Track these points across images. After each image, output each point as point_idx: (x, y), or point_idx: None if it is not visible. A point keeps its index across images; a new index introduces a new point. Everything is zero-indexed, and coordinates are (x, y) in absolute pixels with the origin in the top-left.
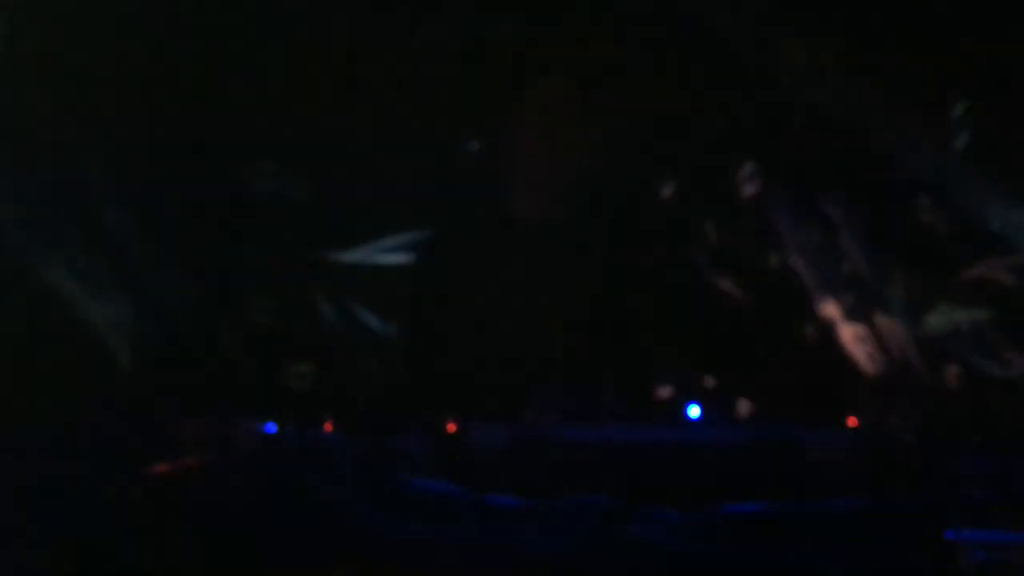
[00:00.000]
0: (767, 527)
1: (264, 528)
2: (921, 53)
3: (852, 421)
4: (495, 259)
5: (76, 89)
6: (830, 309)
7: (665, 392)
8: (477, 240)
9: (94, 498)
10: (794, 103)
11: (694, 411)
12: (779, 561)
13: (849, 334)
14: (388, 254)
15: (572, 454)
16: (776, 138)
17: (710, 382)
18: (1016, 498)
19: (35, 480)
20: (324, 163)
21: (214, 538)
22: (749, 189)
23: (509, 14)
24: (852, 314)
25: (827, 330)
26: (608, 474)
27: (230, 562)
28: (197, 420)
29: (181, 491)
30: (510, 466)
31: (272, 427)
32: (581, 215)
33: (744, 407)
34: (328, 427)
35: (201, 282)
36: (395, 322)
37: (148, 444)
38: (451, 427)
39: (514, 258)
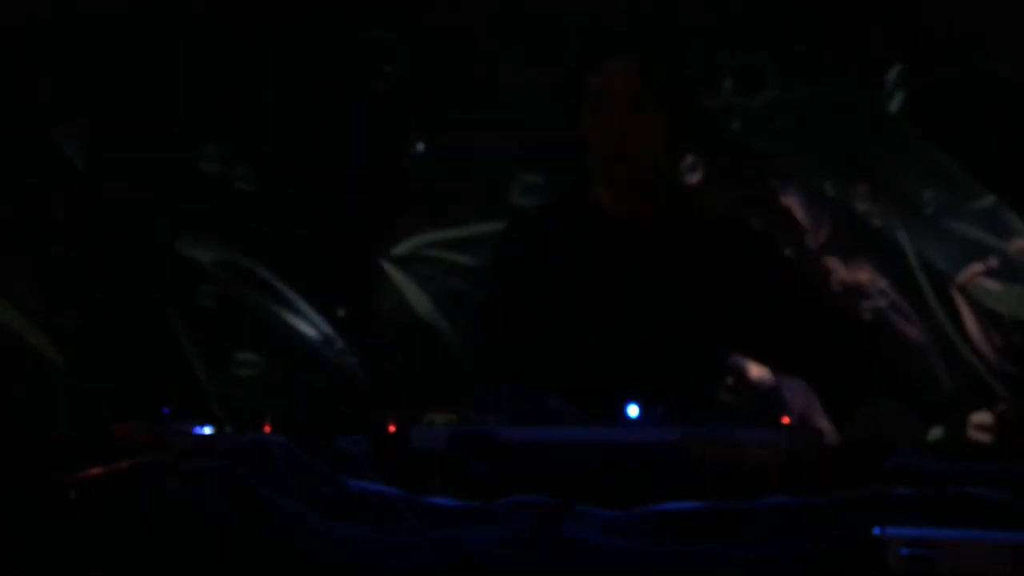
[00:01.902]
0: (700, 525)
1: (201, 531)
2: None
3: (785, 419)
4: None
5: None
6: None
7: (607, 391)
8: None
9: (27, 501)
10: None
11: (633, 410)
12: (712, 558)
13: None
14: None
15: (511, 454)
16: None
17: (652, 380)
18: (941, 495)
19: None
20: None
21: (150, 541)
22: (691, 179)
23: None
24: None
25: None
26: (546, 474)
27: (167, 566)
28: (132, 421)
29: (116, 493)
30: (449, 467)
31: (209, 428)
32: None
33: (683, 405)
34: (267, 428)
35: (138, 277)
36: (344, 320)
37: (83, 446)
38: (391, 428)
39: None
